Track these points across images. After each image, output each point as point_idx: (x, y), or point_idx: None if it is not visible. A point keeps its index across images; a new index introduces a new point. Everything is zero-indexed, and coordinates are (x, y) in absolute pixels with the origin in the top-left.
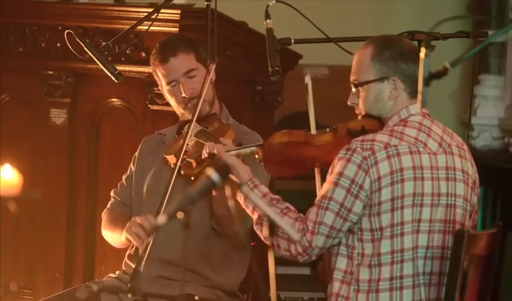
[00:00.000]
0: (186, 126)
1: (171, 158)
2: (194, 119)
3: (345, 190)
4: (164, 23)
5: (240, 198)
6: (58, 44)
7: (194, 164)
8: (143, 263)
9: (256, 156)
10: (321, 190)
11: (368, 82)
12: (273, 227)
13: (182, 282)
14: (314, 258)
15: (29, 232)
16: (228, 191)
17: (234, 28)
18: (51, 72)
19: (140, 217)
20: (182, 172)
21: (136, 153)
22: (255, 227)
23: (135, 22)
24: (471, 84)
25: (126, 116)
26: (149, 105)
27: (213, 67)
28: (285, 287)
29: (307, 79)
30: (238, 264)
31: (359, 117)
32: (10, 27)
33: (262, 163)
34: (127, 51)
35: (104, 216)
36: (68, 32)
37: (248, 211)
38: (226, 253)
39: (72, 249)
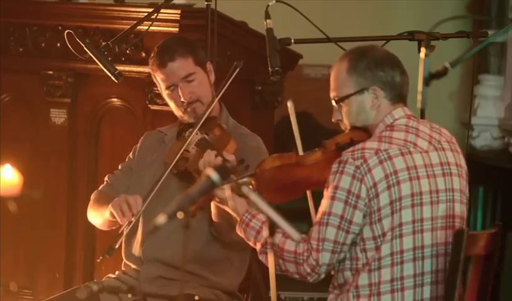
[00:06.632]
0: (188, 132)
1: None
2: (196, 128)
3: (343, 202)
4: (164, 23)
5: (240, 232)
6: (58, 44)
7: (194, 174)
8: (120, 240)
9: (250, 186)
10: (320, 207)
11: (348, 96)
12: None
13: (181, 282)
14: (322, 275)
15: (29, 233)
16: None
17: (234, 28)
18: (51, 72)
19: (129, 196)
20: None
21: (137, 145)
22: (259, 257)
23: (135, 22)
24: (471, 84)
25: (126, 116)
26: (149, 105)
27: (236, 70)
28: (285, 287)
29: (290, 104)
30: (237, 265)
31: (346, 131)
32: (10, 27)
33: (256, 192)
34: (127, 51)
35: (92, 196)
36: (68, 32)
37: (251, 243)
38: (226, 254)
39: (72, 249)
